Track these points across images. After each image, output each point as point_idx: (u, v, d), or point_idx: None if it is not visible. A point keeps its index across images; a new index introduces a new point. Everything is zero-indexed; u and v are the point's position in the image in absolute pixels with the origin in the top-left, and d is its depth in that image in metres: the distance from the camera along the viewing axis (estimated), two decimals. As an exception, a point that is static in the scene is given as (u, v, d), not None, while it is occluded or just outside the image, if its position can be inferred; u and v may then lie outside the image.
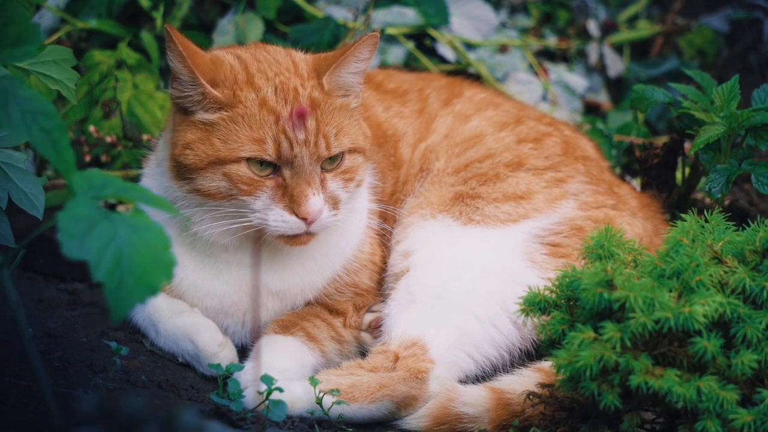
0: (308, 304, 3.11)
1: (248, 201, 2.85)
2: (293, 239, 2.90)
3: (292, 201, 2.84)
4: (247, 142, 2.83)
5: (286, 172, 2.85)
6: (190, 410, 2.01)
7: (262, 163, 2.84)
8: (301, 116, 2.77)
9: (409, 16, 4.10)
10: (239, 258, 3.01)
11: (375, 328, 3.08)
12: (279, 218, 2.85)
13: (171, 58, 2.85)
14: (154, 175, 3.08)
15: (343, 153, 2.91)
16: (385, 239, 3.19)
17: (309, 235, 2.89)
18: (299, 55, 3.02)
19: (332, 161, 2.90)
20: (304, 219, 2.83)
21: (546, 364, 2.82)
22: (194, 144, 2.87)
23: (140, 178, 3.19)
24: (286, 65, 2.95)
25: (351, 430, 2.81)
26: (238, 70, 2.91)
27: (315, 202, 2.83)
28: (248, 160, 2.84)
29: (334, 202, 2.90)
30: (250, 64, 2.94)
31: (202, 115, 2.87)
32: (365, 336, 3.10)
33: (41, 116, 2.19)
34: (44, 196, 2.86)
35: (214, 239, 2.95)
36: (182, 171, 2.89)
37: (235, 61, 2.94)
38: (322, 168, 2.88)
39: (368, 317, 3.12)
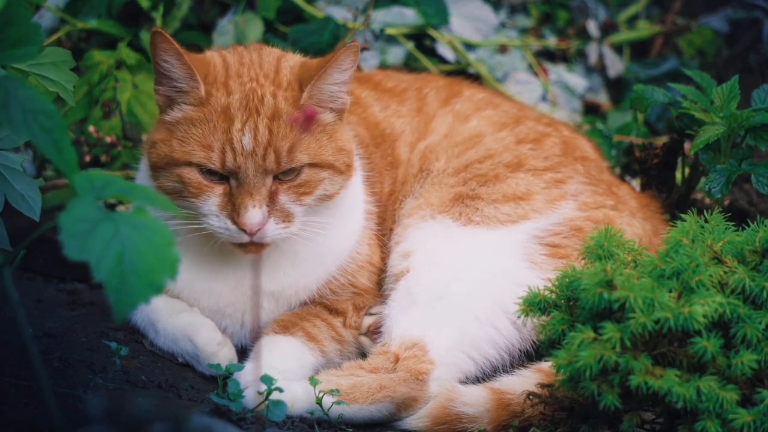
0: (305, 304, 3.11)
1: (197, 204, 2.86)
2: (243, 247, 2.90)
3: (234, 210, 2.84)
4: (198, 147, 2.85)
5: (233, 181, 2.85)
6: (199, 411, 2.01)
7: (209, 170, 2.85)
8: (309, 119, 2.75)
9: (409, 16, 4.10)
10: (234, 258, 3.01)
11: (374, 333, 3.07)
12: (223, 225, 2.85)
13: (164, 57, 2.86)
14: (146, 169, 3.09)
15: (301, 167, 2.89)
16: (384, 238, 3.20)
17: (259, 245, 2.88)
18: (289, 62, 2.99)
19: (288, 174, 2.88)
20: (243, 230, 2.83)
21: (546, 365, 2.82)
22: (158, 143, 2.90)
23: (137, 174, 3.21)
24: (267, 71, 2.93)
25: (351, 430, 2.82)
26: (219, 72, 2.91)
27: (254, 214, 2.82)
28: (198, 165, 2.85)
29: (284, 215, 2.88)
30: (232, 66, 2.94)
31: (172, 114, 2.89)
32: (364, 340, 3.09)
33: (42, 116, 2.19)
34: (41, 198, 2.86)
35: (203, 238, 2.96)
36: (151, 168, 2.94)
37: (220, 62, 2.94)
38: (277, 179, 2.87)
39: (367, 320, 3.11)
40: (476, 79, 4.02)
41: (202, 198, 2.86)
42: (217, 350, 2.98)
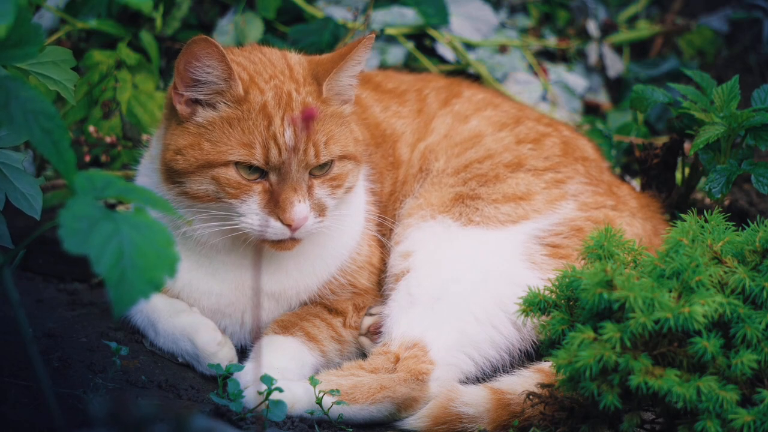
0: (304, 304, 3.12)
1: (235, 204, 2.86)
2: (278, 244, 2.90)
3: (277, 207, 2.84)
4: (237, 145, 2.84)
5: (273, 178, 2.85)
6: (200, 412, 2.01)
7: (250, 167, 2.84)
8: (309, 119, 2.76)
9: (409, 16, 4.10)
10: (234, 259, 3.01)
11: (374, 333, 3.07)
12: (264, 223, 2.85)
13: (206, 62, 2.82)
14: (147, 172, 3.08)
15: (332, 160, 2.91)
16: (384, 238, 3.20)
17: (293, 240, 2.89)
18: (294, 58, 3.01)
19: (321, 168, 2.90)
20: (289, 225, 2.84)
21: (546, 365, 2.82)
22: (185, 149, 2.87)
23: (136, 176, 3.20)
24: (280, 68, 2.94)
25: (351, 430, 2.82)
26: (242, 71, 2.91)
27: (300, 209, 2.83)
28: (237, 164, 2.84)
29: (320, 209, 2.90)
30: (247, 66, 2.94)
31: (202, 116, 2.87)
32: (364, 340, 3.09)
33: (42, 117, 2.19)
34: (42, 197, 2.86)
35: (205, 240, 2.96)
36: (172, 175, 2.90)
37: (233, 63, 2.93)
38: (310, 174, 2.88)
39: (367, 321, 3.11)
40: (476, 79, 4.02)
41: (242, 198, 2.85)
42: (217, 350, 2.98)
